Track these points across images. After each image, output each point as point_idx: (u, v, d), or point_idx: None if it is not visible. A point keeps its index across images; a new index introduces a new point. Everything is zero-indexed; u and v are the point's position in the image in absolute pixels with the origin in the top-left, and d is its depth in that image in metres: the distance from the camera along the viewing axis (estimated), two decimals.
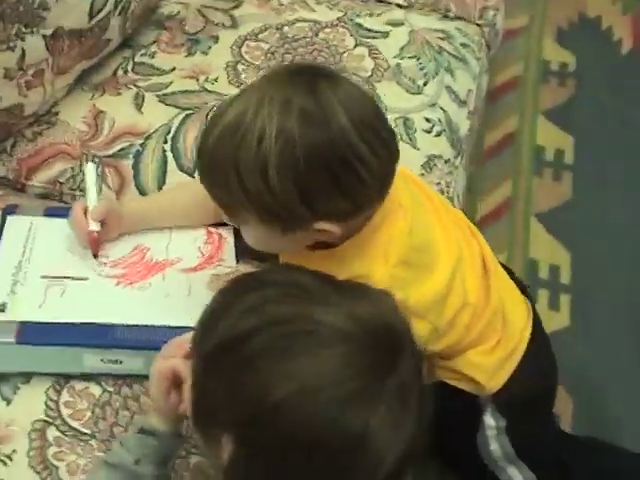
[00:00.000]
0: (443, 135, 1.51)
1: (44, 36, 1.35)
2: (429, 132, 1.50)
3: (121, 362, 1.13)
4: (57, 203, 1.41)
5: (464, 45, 1.71)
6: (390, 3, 1.78)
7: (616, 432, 1.62)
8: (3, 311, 1.14)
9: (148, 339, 1.13)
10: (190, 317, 1.10)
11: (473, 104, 1.63)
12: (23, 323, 1.12)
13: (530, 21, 2.62)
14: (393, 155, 1.03)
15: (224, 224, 1.32)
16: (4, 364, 1.12)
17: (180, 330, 1.10)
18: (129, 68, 1.53)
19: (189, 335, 0.96)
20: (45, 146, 1.42)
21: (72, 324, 1.13)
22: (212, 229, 1.33)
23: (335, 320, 0.82)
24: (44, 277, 1.20)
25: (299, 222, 1.02)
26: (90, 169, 1.27)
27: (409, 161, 1.33)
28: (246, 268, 1.26)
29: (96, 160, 1.37)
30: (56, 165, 1.41)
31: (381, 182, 1.03)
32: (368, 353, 0.81)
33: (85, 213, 1.22)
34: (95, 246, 1.22)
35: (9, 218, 1.29)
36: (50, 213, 1.32)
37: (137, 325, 1.15)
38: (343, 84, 1.01)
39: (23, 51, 1.33)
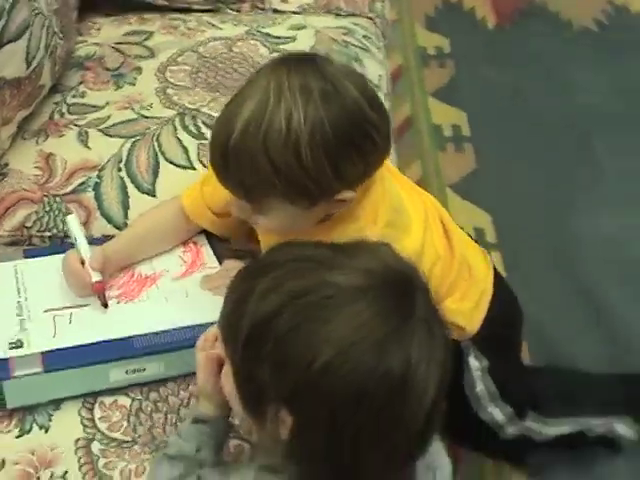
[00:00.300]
0: None
1: None
2: None
3: (144, 370, 1.19)
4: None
5: (365, 37, 1.84)
6: (285, 12, 1.89)
7: (569, 359, 1.76)
8: (21, 346, 1.18)
9: (165, 342, 1.20)
10: (195, 315, 1.20)
11: (386, 87, 1.75)
12: (44, 353, 1.17)
13: (398, 13, 2.79)
14: (388, 116, 1.15)
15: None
16: (34, 396, 1.16)
17: (191, 328, 1.19)
18: (64, 110, 1.58)
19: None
20: (3, 196, 1.45)
21: (91, 344, 1.19)
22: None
23: (350, 279, 0.89)
24: (47, 311, 1.25)
25: (327, 194, 1.12)
26: (72, 220, 1.33)
27: None
28: (231, 265, 1.33)
29: (72, 210, 1.41)
30: (19, 212, 1.45)
31: (386, 143, 1.14)
32: (388, 300, 0.89)
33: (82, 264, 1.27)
34: (103, 295, 1.26)
35: None
36: (30, 254, 1.37)
37: (150, 333, 1.21)
38: (335, 63, 1.13)
39: None
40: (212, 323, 1.14)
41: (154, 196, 1.46)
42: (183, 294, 1.29)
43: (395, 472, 0.93)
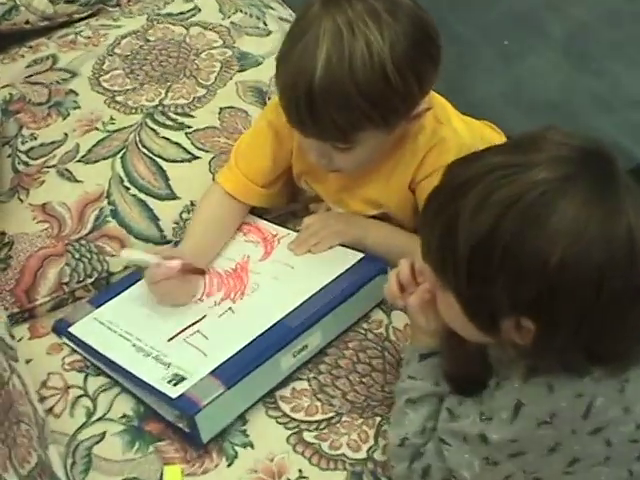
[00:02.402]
0: None
1: None
2: None
3: (306, 346, 1.14)
4: (72, 304, 1.33)
5: None
6: None
7: None
8: (184, 379, 1.10)
9: (314, 311, 1.15)
10: (319, 276, 1.17)
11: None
12: (213, 373, 1.09)
13: None
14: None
15: None
16: (223, 419, 1.10)
17: (326, 288, 1.15)
18: (25, 159, 1.44)
19: (401, 266, 1.05)
20: (24, 263, 1.32)
21: (250, 343, 1.12)
22: None
23: (552, 172, 0.89)
24: (171, 339, 1.17)
25: (410, 109, 1.13)
26: (126, 253, 1.27)
27: None
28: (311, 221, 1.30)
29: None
30: (49, 271, 1.32)
31: (441, 43, 1.15)
32: (593, 178, 0.89)
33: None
34: (194, 267, 1.20)
35: (72, 329, 1.22)
36: (97, 303, 1.27)
37: (295, 308, 1.16)
38: None
39: None
40: (341, 274, 1.13)
41: (177, 198, 1.38)
42: (287, 268, 1.24)
43: None
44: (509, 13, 2.44)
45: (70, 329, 1.22)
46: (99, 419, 1.13)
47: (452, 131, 1.22)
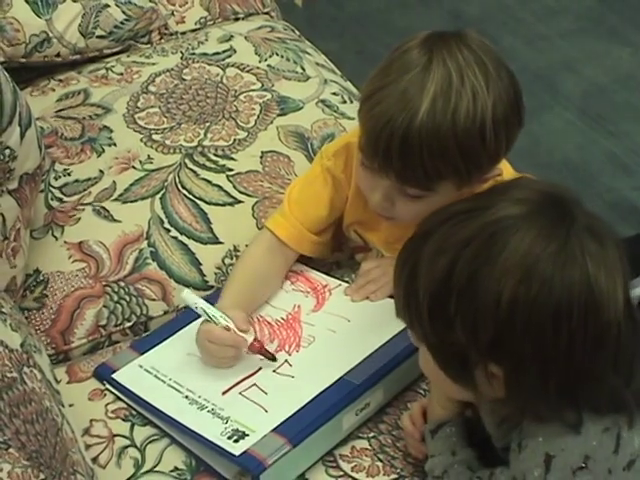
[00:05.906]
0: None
1: (11, 191, 1.21)
2: (344, 102, 1.56)
3: (369, 404, 1.10)
4: (109, 347, 1.28)
5: (285, 28, 1.77)
6: (185, 32, 1.77)
7: None
8: (246, 435, 1.05)
9: (379, 367, 1.11)
10: (381, 329, 1.12)
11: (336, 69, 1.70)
12: (275, 430, 1.04)
13: None
14: None
15: None
16: (287, 476, 1.06)
17: (390, 342, 1.11)
18: (58, 195, 1.39)
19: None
20: (60, 303, 1.27)
21: (312, 400, 1.07)
22: None
23: (506, 212, 0.90)
24: (226, 392, 1.11)
25: (491, 169, 1.11)
26: (190, 294, 1.18)
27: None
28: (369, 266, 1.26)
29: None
30: (87, 313, 1.27)
31: None
32: (546, 219, 0.89)
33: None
34: (266, 349, 1.14)
35: (117, 376, 1.17)
36: (141, 348, 1.21)
37: (358, 363, 1.12)
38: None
39: (2, 216, 1.19)
40: (403, 329, 1.09)
41: (220, 243, 1.34)
42: (342, 320, 1.20)
43: (622, 375, 0.92)
44: (524, 70, 2.45)
45: (114, 376, 1.16)
46: (148, 471, 1.07)
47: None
